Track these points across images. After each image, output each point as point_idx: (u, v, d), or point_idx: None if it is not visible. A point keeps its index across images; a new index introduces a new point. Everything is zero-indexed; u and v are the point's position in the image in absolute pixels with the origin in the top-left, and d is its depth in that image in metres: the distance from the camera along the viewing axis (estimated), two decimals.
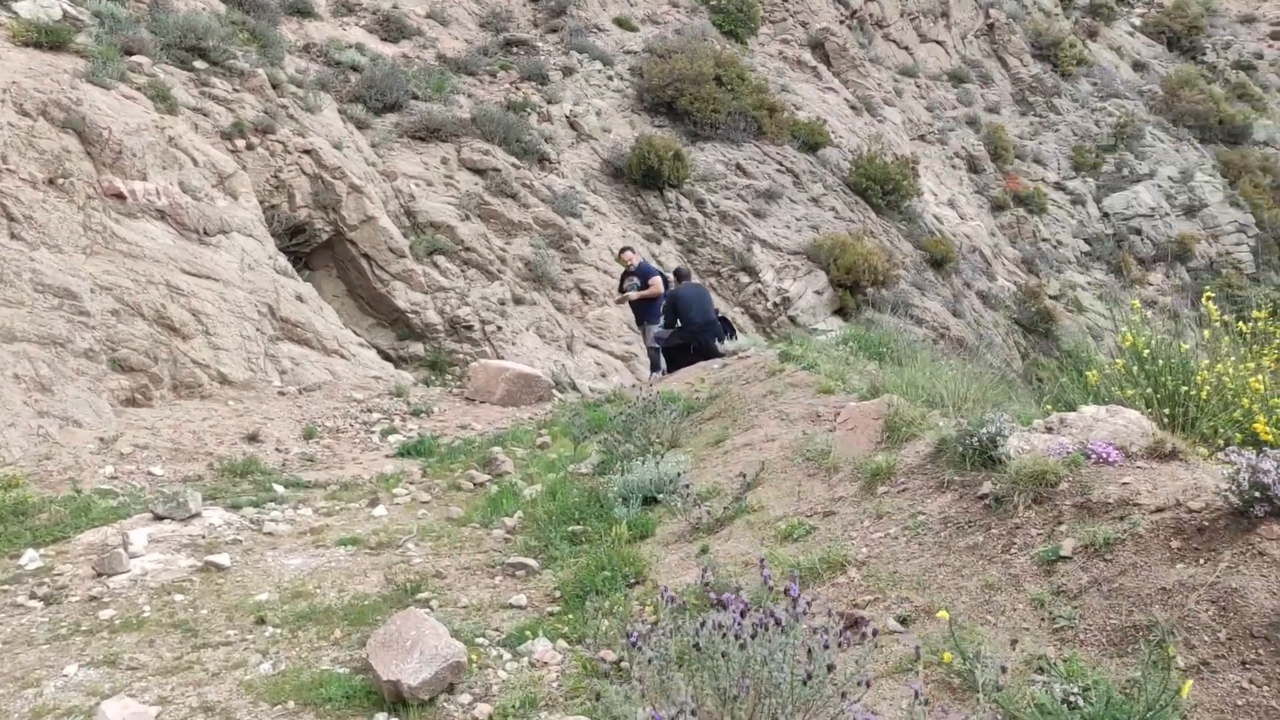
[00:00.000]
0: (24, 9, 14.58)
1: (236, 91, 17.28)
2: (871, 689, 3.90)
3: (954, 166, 35.51)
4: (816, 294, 24.02)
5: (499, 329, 17.91)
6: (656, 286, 14.91)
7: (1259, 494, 4.21)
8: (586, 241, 20.75)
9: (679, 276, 15.02)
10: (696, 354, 13.50)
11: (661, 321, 14.48)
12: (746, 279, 23.39)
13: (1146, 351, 6.51)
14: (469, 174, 20.49)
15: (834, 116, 31.36)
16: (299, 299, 14.84)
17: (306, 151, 17.17)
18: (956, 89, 39.57)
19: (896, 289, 25.37)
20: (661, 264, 20.03)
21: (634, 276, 15.24)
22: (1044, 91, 41.99)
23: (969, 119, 38.16)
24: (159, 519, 8.00)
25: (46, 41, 14.21)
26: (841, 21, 37.15)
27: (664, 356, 14.54)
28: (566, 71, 26.80)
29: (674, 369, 13.69)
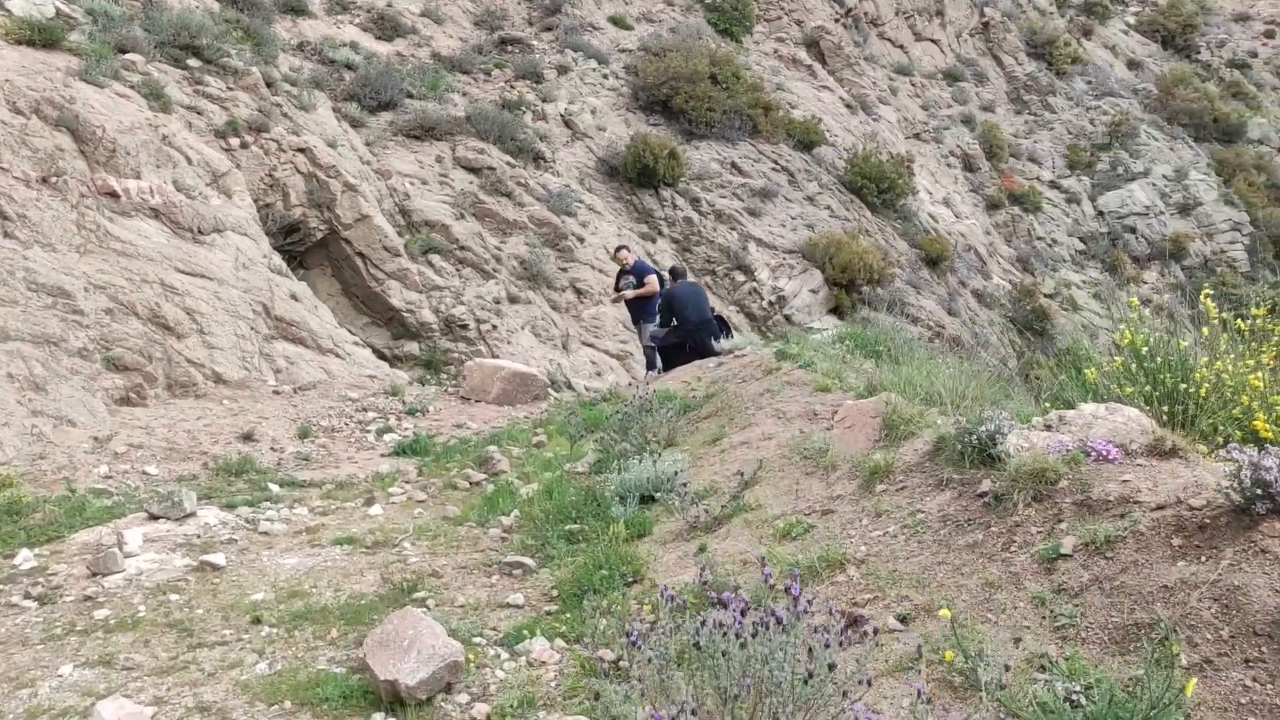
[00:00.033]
0: (17, 7, 14.53)
1: (230, 90, 17.23)
2: (872, 688, 3.87)
3: (949, 165, 35.52)
4: (812, 292, 24.00)
5: (494, 328, 17.88)
6: (652, 285, 14.88)
7: (1261, 491, 4.19)
8: (582, 240, 20.72)
9: (674, 275, 14.99)
10: (692, 353, 13.46)
11: (657, 320, 14.44)
12: (742, 277, 23.36)
13: (1145, 349, 6.50)
14: (464, 173, 20.45)
15: (829, 115, 31.36)
16: (294, 298, 14.80)
17: (301, 150, 17.13)
18: (951, 87, 39.59)
19: (892, 287, 25.35)
20: (657, 263, 20.01)
21: (630, 275, 15.19)
22: (1039, 90, 42.02)
23: (964, 117, 38.18)
24: (154, 518, 7.97)
25: (40, 39, 14.17)
26: (836, 20, 37.15)
27: (660, 355, 14.50)
28: (561, 70, 26.76)
29: (670, 368, 13.67)
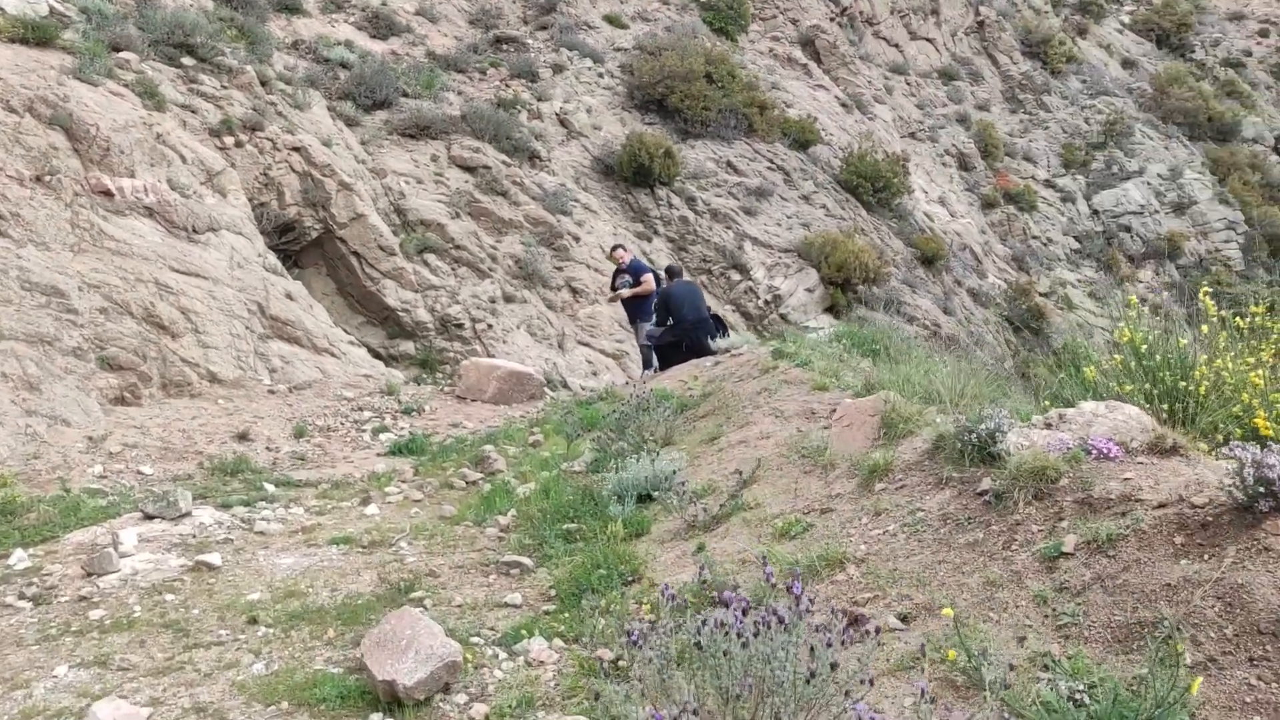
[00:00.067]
0: (10, 5, 14.47)
1: (225, 88, 17.18)
2: (874, 687, 3.85)
3: (944, 164, 35.53)
4: (808, 291, 23.99)
5: (490, 327, 17.84)
6: (648, 284, 14.85)
7: (1263, 489, 4.17)
8: (577, 239, 20.69)
9: (671, 274, 14.97)
10: (689, 352, 13.44)
11: (654, 319, 14.41)
12: (737, 277, 23.34)
13: (1144, 347, 6.48)
14: (459, 171, 20.41)
15: (824, 114, 31.35)
16: (289, 297, 14.76)
17: (296, 149, 17.08)
18: (947, 86, 39.60)
19: (887, 286, 25.35)
20: (653, 262, 19.97)
21: (626, 274, 15.17)
22: (1034, 89, 42.04)
23: (959, 116, 38.19)
24: (149, 518, 7.93)
25: (33, 37, 14.11)
26: (832, 19, 37.13)
27: (656, 354, 14.47)
28: (557, 69, 26.73)
29: (666, 367, 13.65)
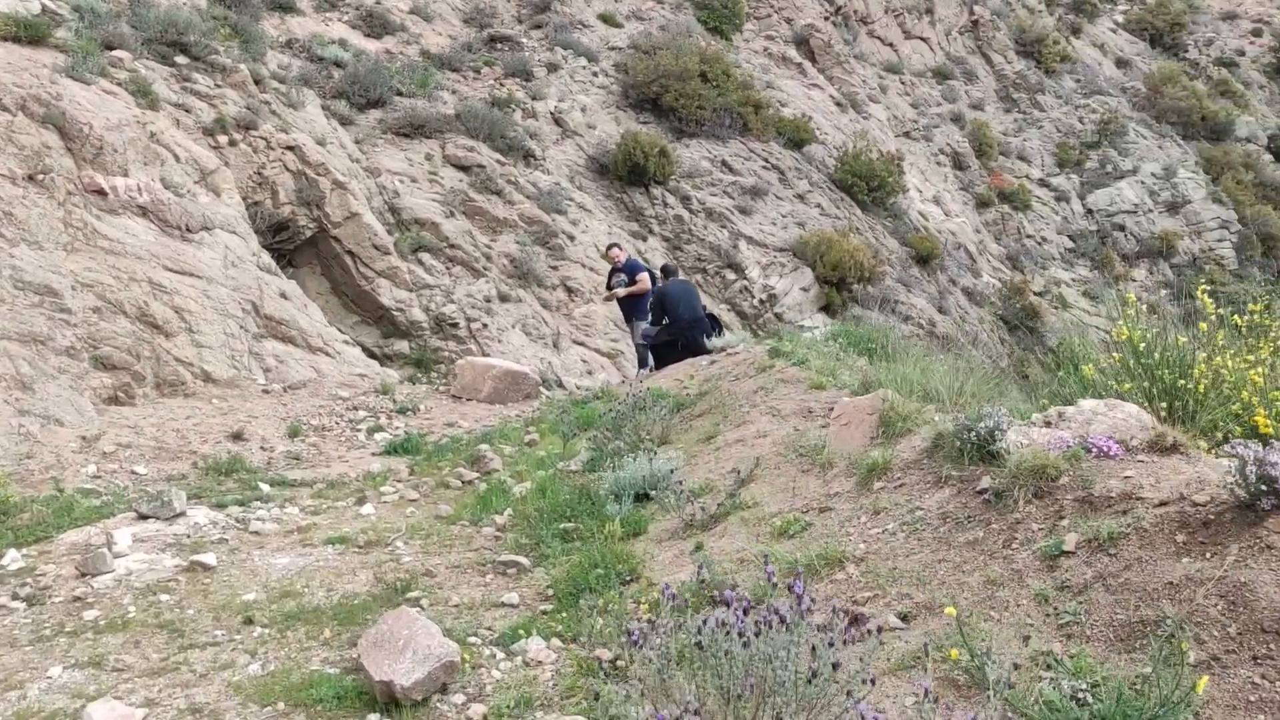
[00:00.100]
0: (2, 3, 14.41)
1: (218, 87, 17.13)
2: (875, 687, 3.82)
3: (939, 163, 35.54)
4: (802, 290, 23.98)
5: (485, 326, 17.81)
6: (644, 283, 14.83)
7: (1266, 487, 4.15)
8: (572, 238, 20.66)
9: (666, 273, 14.95)
10: (684, 351, 13.41)
11: (649, 318, 14.38)
12: (732, 276, 23.33)
13: (1143, 345, 6.46)
14: (453, 170, 20.37)
15: (819, 113, 31.34)
16: (283, 296, 14.71)
17: (290, 148, 17.04)
18: (941, 86, 39.61)
19: (882, 285, 25.36)
20: (648, 261, 19.96)
21: (621, 273, 15.14)
22: (1028, 88, 42.07)
23: (954, 116, 38.21)
24: (143, 518, 7.89)
25: (25, 36, 14.05)
26: (826, 18, 37.13)
27: (652, 353, 14.44)
28: (551, 68, 26.69)
29: (662, 366, 13.61)
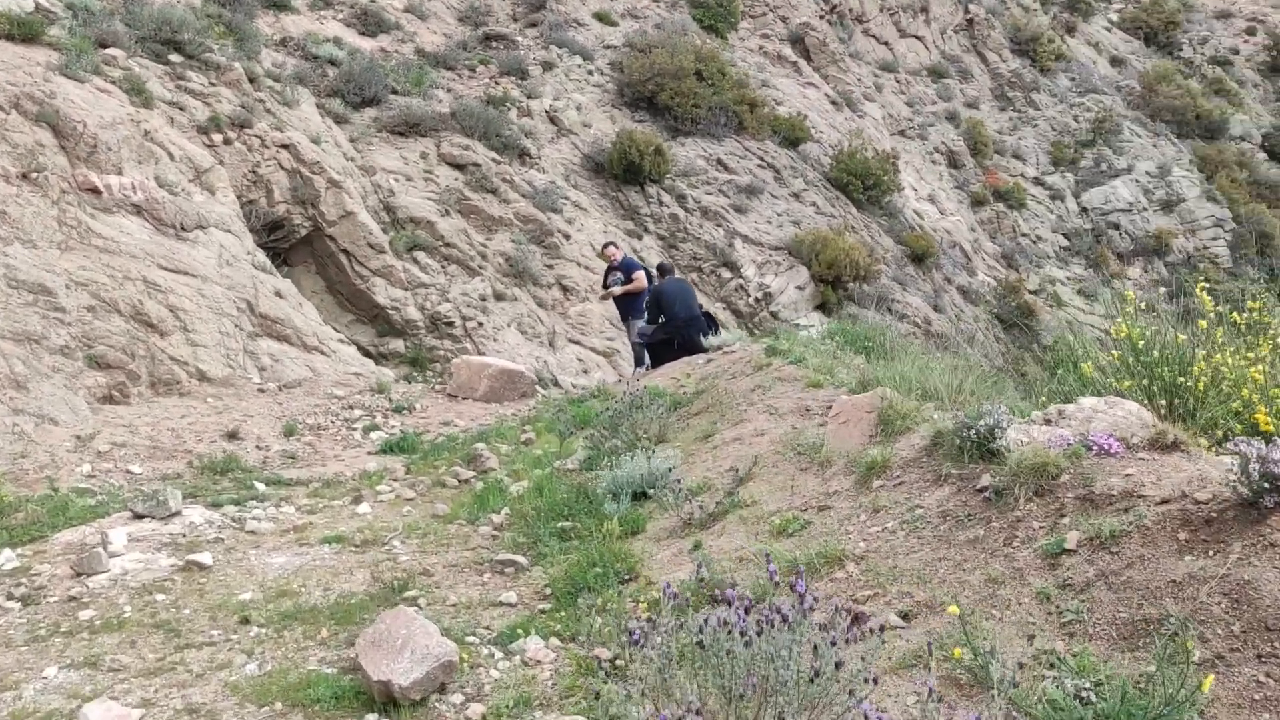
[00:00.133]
0: None
1: (213, 85, 17.07)
2: (877, 686, 3.80)
3: (934, 162, 35.54)
4: (798, 289, 23.97)
5: (480, 325, 17.77)
6: (640, 281, 14.80)
7: (1269, 484, 4.13)
8: (568, 237, 20.63)
9: (662, 272, 14.91)
10: (680, 349, 13.38)
11: (645, 317, 14.35)
12: (728, 274, 23.31)
13: (1142, 343, 6.45)
14: (449, 169, 20.33)
15: (814, 112, 31.32)
16: (278, 295, 14.67)
17: (284, 146, 16.99)
18: (936, 84, 39.61)
19: (878, 284, 25.35)
20: (643, 259, 19.92)
21: (617, 272, 15.11)
22: (1023, 87, 42.09)
23: (948, 114, 38.20)
24: (139, 518, 7.85)
25: (19, 34, 13.99)
26: (821, 16, 37.13)
27: (648, 352, 14.41)
28: (546, 66, 26.64)
29: (658, 364, 13.58)
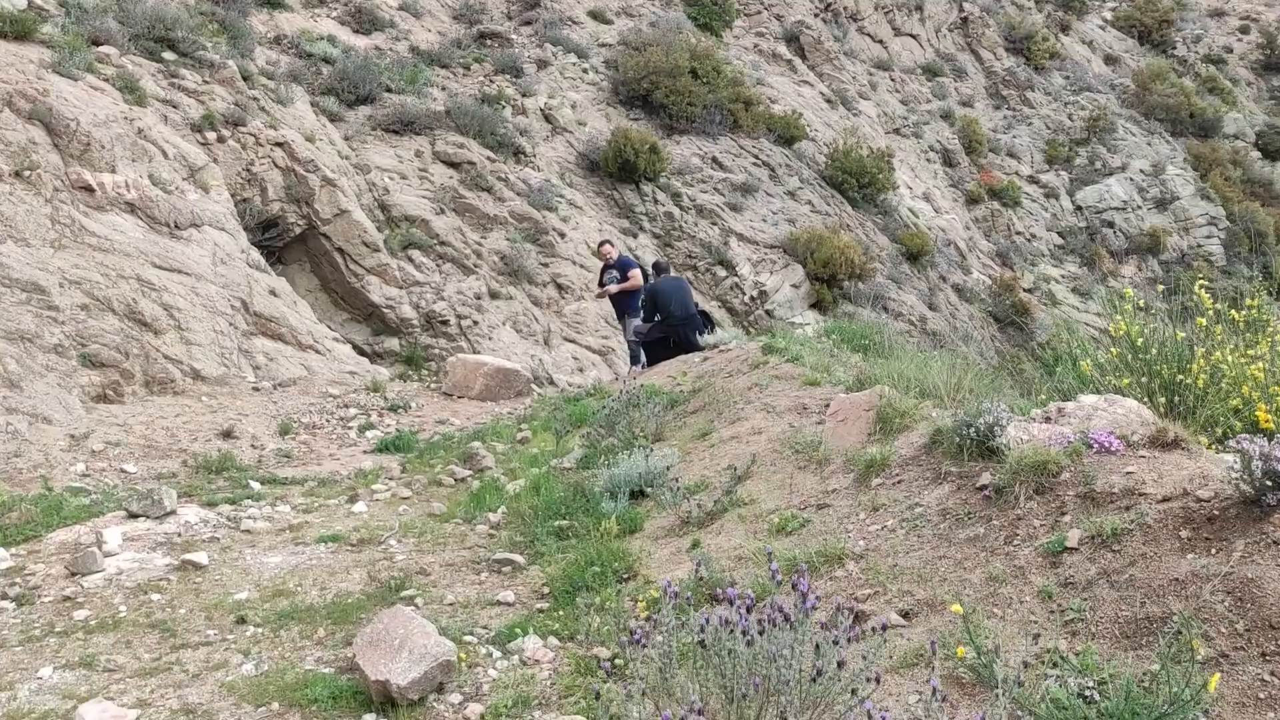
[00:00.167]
0: None
1: (206, 83, 17.02)
2: (879, 685, 3.78)
3: (929, 160, 35.54)
4: (793, 287, 23.95)
5: (475, 324, 17.74)
6: (636, 279, 14.76)
7: (1272, 482, 4.11)
8: (563, 235, 20.59)
9: (658, 270, 14.88)
10: (676, 348, 13.36)
11: (641, 315, 14.31)
12: (723, 273, 23.28)
13: (1140, 340, 6.43)
14: (443, 167, 20.29)
15: (809, 110, 31.32)
16: (272, 293, 14.62)
17: (278, 144, 16.94)
18: (931, 82, 39.61)
19: (873, 282, 25.36)
20: (639, 258, 19.89)
21: (613, 270, 15.07)
22: (1017, 85, 42.11)
23: (943, 112, 38.20)
24: (133, 517, 7.81)
25: (11, 31, 13.94)
26: (816, 15, 37.12)
27: (644, 350, 14.38)
28: (541, 64, 26.61)
29: (654, 363, 13.55)
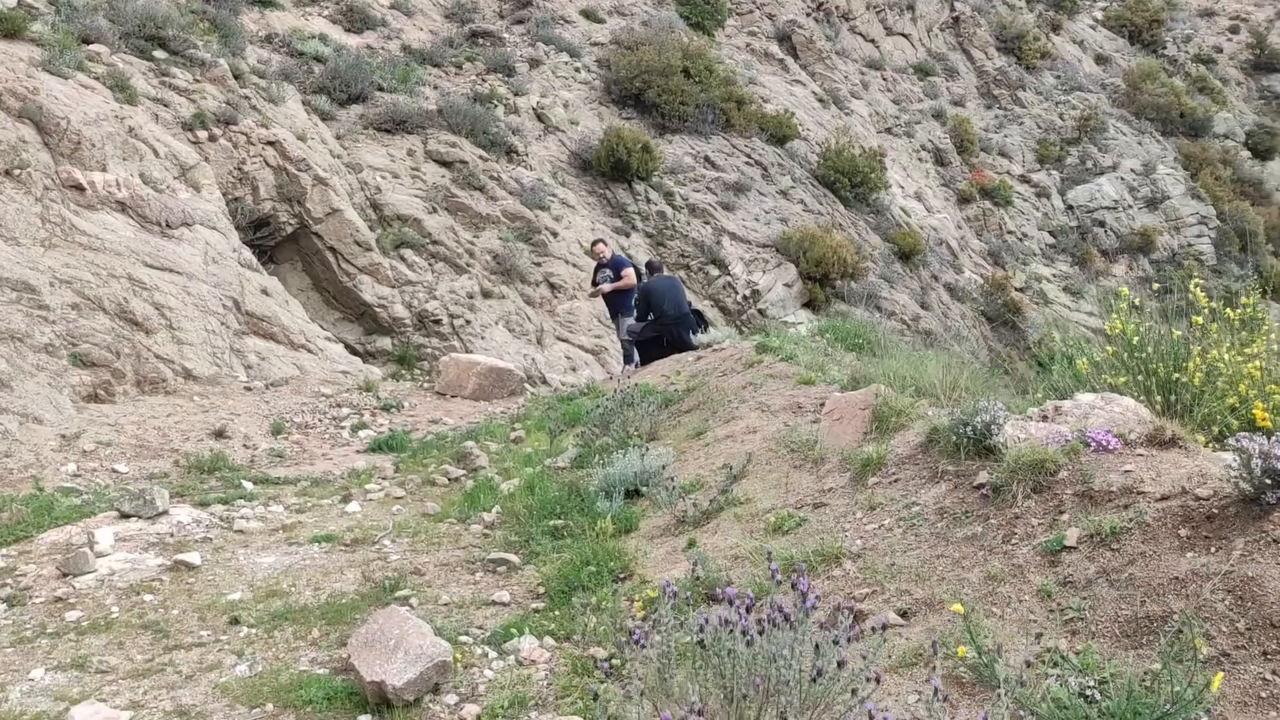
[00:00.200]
0: None
1: (197, 82, 16.95)
2: (879, 685, 3.76)
3: (920, 159, 35.56)
4: (786, 287, 23.94)
5: (468, 323, 17.70)
6: (629, 278, 14.74)
7: (1271, 480, 4.10)
8: (555, 235, 20.55)
9: (651, 269, 14.85)
10: (669, 347, 13.33)
11: (635, 314, 14.28)
12: (716, 272, 23.27)
13: (1136, 339, 6.42)
14: (435, 166, 20.25)
15: (801, 109, 31.31)
16: (264, 293, 14.56)
17: (270, 143, 16.87)
18: (922, 82, 39.62)
19: (865, 281, 25.35)
20: (631, 257, 19.86)
21: (607, 269, 15.05)
22: (1008, 84, 42.14)
23: (935, 112, 38.21)
24: (125, 517, 7.76)
25: (1, 30, 13.87)
26: (808, 14, 37.12)
27: (637, 349, 14.35)
28: (533, 63, 26.57)
29: (647, 362, 13.52)
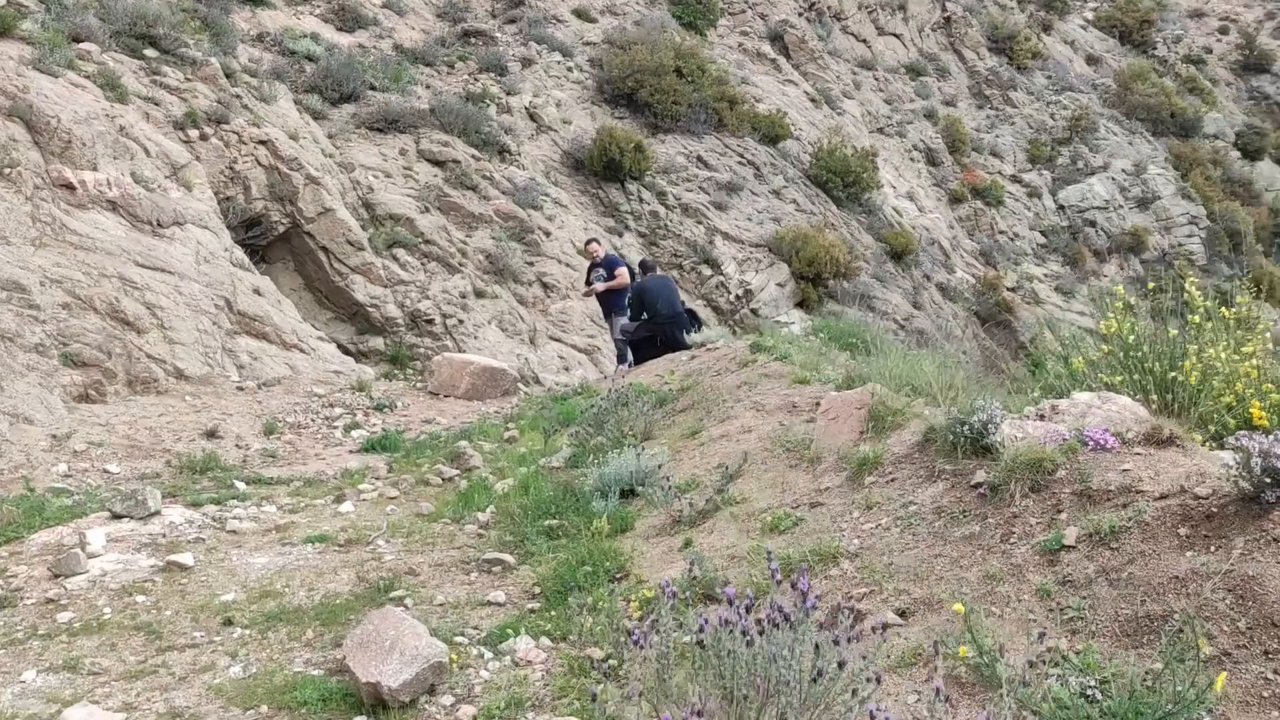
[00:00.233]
0: None
1: (189, 81, 16.88)
2: (880, 685, 3.74)
3: (912, 159, 35.60)
4: (779, 286, 23.95)
5: (460, 322, 17.66)
6: (623, 278, 14.73)
7: (1271, 479, 4.09)
8: (548, 234, 20.53)
9: (644, 269, 14.84)
10: (663, 346, 13.33)
11: (628, 314, 14.27)
12: (709, 271, 23.26)
13: (1132, 338, 6.42)
14: (428, 165, 20.20)
15: (794, 109, 31.32)
16: (256, 292, 14.51)
17: (262, 142, 16.81)
18: (914, 82, 39.68)
19: (858, 281, 25.38)
20: (624, 256, 19.84)
21: (600, 268, 15.03)
22: (1000, 85, 42.22)
23: (927, 112, 38.27)
24: (117, 517, 7.71)
25: None
26: (800, 14, 37.14)
27: (630, 349, 14.34)
28: (525, 63, 26.53)
29: (640, 362, 13.52)
